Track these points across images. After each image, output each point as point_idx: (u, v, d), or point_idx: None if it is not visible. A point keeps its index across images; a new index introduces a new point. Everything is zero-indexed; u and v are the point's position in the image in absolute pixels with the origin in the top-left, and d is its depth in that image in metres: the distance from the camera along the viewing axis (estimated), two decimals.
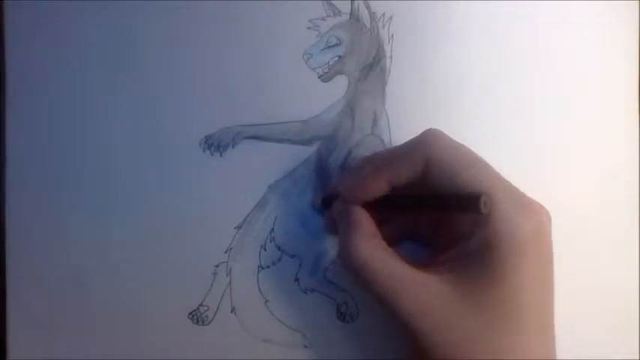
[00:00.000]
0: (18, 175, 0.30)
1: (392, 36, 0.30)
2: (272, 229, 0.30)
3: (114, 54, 0.30)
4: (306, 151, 0.30)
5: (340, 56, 0.30)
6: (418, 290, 0.23)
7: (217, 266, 0.30)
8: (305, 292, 0.30)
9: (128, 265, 0.30)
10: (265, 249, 0.30)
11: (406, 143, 0.26)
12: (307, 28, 0.30)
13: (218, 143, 0.30)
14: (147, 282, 0.30)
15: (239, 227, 0.30)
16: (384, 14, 0.30)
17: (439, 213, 0.27)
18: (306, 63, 0.30)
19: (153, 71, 0.30)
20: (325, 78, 0.30)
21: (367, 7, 0.30)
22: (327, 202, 0.28)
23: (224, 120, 0.30)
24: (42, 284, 0.30)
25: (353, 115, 0.30)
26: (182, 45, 0.30)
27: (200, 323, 0.30)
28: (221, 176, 0.30)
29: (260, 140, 0.30)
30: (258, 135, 0.30)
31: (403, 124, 0.30)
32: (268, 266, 0.30)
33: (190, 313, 0.30)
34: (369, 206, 0.26)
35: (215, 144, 0.30)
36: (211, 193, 0.30)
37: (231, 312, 0.30)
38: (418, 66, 0.30)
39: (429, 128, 0.25)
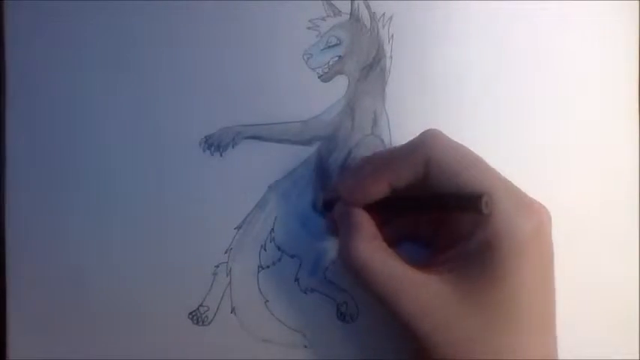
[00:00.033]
0: (18, 175, 0.30)
1: (392, 36, 0.30)
2: (272, 229, 0.30)
3: (114, 54, 0.30)
4: (306, 151, 0.30)
5: (340, 56, 0.30)
6: (418, 290, 0.23)
7: (217, 266, 0.30)
8: (305, 292, 0.30)
9: (128, 265, 0.30)
10: (265, 249, 0.30)
11: (405, 145, 0.26)
12: (307, 28, 0.30)
13: (218, 143, 0.30)
14: (147, 282, 0.30)
15: (239, 227, 0.30)
16: (384, 14, 0.30)
17: (440, 214, 0.27)
18: (306, 63, 0.30)
19: (153, 71, 0.30)
20: (325, 78, 0.30)
21: (367, 7, 0.30)
22: (329, 205, 0.28)
23: (224, 120, 0.30)
24: (42, 284, 0.30)
25: (353, 115, 0.30)
26: (182, 45, 0.30)
27: (200, 323, 0.30)
28: (221, 176, 0.30)
29: (260, 140, 0.30)
30: (258, 135, 0.30)
31: (403, 124, 0.30)
32: (268, 266, 0.30)
33: (190, 314, 0.30)
34: (370, 208, 0.26)
35: (215, 144, 0.30)
36: (211, 193, 0.30)
37: (231, 312, 0.30)
38: (418, 66, 0.30)
39: (428, 129, 0.25)
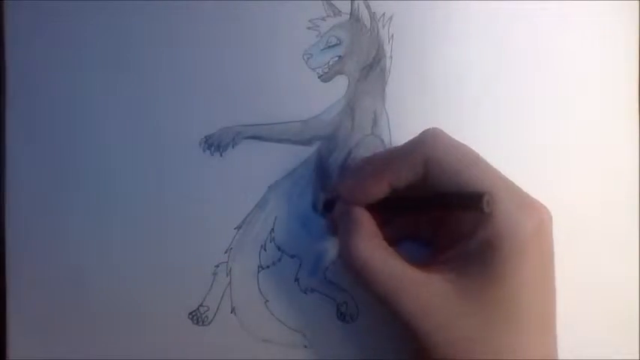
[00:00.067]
0: (18, 175, 0.30)
1: (392, 36, 0.30)
2: (272, 229, 0.30)
3: (114, 54, 0.30)
4: (306, 151, 0.30)
5: (340, 56, 0.30)
6: (419, 290, 0.23)
7: (217, 266, 0.30)
8: (305, 292, 0.30)
9: (128, 265, 0.30)
10: (265, 249, 0.30)
11: (405, 144, 0.25)
12: (307, 28, 0.30)
13: (218, 143, 0.30)
14: (147, 282, 0.30)
15: (239, 227, 0.30)
16: (384, 14, 0.30)
17: (441, 213, 0.27)
18: (306, 63, 0.30)
19: (153, 71, 0.30)
20: (325, 78, 0.30)
21: (367, 7, 0.30)
22: (330, 206, 0.28)
23: (224, 120, 0.30)
24: (42, 284, 0.30)
25: (353, 115, 0.30)
26: (182, 45, 0.30)
27: (200, 323, 0.30)
28: (221, 176, 0.30)
29: (260, 140, 0.30)
30: (258, 135, 0.30)
31: (403, 124, 0.30)
32: (268, 266, 0.30)
33: (190, 314, 0.30)
34: (371, 208, 0.26)
35: (215, 144, 0.30)
36: (211, 193, 0.30)
37: (231, 312, 0.30)
38: (418, 66, 0.30)
39: (429, 128, 0.25)
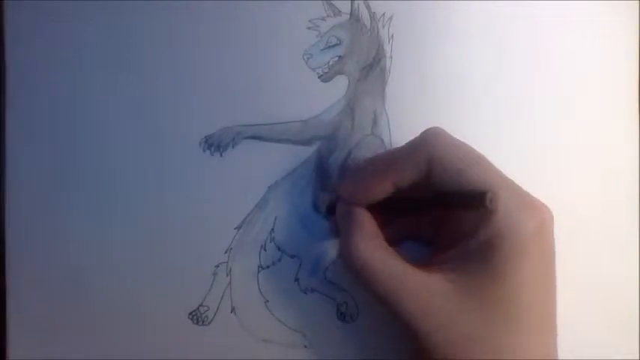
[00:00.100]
0: (18, 175, 0.30)
1: (392, 36, 0.30)
2: (272, 230, 0.30)
3: (114, 54, 0.30)
4: (306, 151, 0.30)
5: (340, 56, 0.30)
6: (419, 290, 0.23)
7: (217, 266, 0.30)
8: (305, 292, 0.30)
9: (128, 265, 0.30)
10: (265, 249, 0.30)
11: (407, 144, 0.25)
12: (307, 28, 0.30)
13: (218, 143, 0.30)
14: (147, 282, 0.30)
15: (239, 227, 0.30)
16: (384, 14, 0.30)
17: (443, 212, 0.26)
18: (306, 63, 0.30)
19: (153, 71, 0.30)
20: (325, 78, 0.30)
21: (367, 7, 0.30)
22: (333, 208, 0.28)
23: (224, 120, 0.30)
24: (42, 284, 0.30)
25: (353, 115, 0.30)
26: (182, 45, 0.30)
27: (200, 323, 0.30)
28: (221, 176, 0.30)
29: (260, 140, 0.30)
30: (258, 135, 0.30)
31: (403, 124, 0.30)
32: (268, 266, 0.30)
33: (190, 313, 0.30)
34: (372, 208, 0.26)
35: (215, 144, 0.30)
36: (211, 193, 0.30)
37: (231, 312, 0.30)
38: (418, 66, 0.30)
39: (430, 127, 0.25)
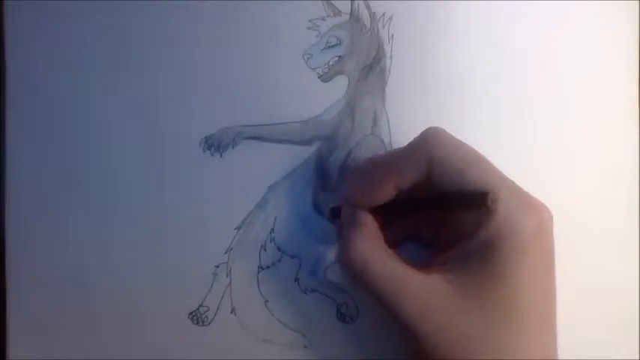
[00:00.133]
0: (18, 175, 0.30)
1: (392, 36, 0.30)
2: (272, 230, 0.30)
3: (114, 54, 0.30)
4: (306, 151, 0.30)
5: (340, 56, 0.30)
6: (418, 291, 0.23)
7: (217, 267, 0.30)
8: (305, 293, 0.30)
9: (128, 265, 0.30)
10: (265, 249, 0.30)
11: (408, 145, 0.25)
12: (307, 28, 0.30)
13: (218, 143, 0.30)
14: (147, 282, 0.30)
15: (239, 227, 0.30)
16: (384, 14, 0.30)
17: (444, 213, 0.26)
18: (306, 63, 0.30)
19: (153, 71, 0.30)
20: (325, 78, 0.30)
21: (367, 7, 0.30)
22: (337, 212, 0.28)
23: (224, 120, 0.30)
24: (42, 284, 0.30)
25: (353, 115, 0.30)
26: (182, 45, 0.30)
27: (200, 324, 0.30)
28: (221, 176, 0.30)
29: (260, 140, 0.30)
30: (258, 135, 0.30)
31: (403, 124, 0.30)
32: (268, 267, 0.30)
33: (190, 314, 0.30)
34: (374, 210, 0.26)
35: (215, 144, 0.30)
36: (211, 193, 0.30)
37: (231, 312, 0.30)
38: (418, 66, 0.30)
39: (430, 127, 0.25)
